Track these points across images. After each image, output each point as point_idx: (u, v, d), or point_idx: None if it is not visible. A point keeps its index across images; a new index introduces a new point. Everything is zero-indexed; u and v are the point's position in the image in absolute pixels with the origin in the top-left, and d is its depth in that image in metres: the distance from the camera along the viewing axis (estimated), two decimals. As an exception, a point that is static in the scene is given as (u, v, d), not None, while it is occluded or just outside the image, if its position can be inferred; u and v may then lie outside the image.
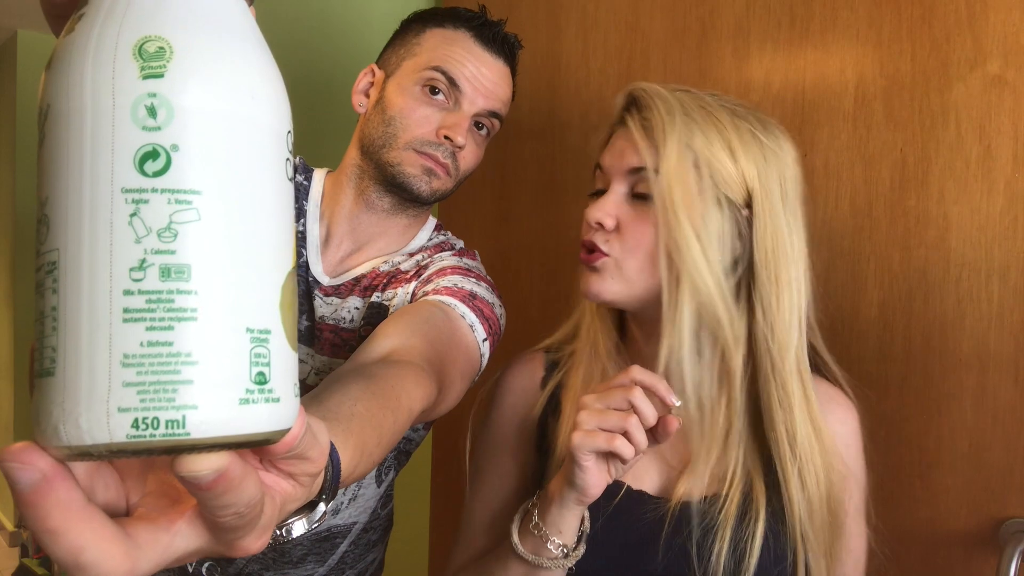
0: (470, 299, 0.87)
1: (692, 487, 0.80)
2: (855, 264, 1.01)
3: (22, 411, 3.83)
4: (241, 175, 0.28)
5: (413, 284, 0.94)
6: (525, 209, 1.40)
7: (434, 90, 0.94)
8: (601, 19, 1.29)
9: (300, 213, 0.99)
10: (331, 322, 0.95)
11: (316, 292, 0.97)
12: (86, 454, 0.27)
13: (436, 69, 0.93)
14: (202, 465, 0.27)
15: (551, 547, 0.73)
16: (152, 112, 0.26)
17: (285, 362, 0.30)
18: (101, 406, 0.26)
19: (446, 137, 0.93)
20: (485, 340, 0.87)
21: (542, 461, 0.87)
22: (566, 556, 0.74)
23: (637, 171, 0.78)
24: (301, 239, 0.98)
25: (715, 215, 0.76)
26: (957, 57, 0.94)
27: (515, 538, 0.75)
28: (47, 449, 0.27)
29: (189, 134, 0.27)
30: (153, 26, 0.27)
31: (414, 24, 1.00)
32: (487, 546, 0.86)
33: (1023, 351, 0.91)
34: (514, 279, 1.41)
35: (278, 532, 0.43)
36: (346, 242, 1.00)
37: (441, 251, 1.01)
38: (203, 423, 0.27)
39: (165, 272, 0.26)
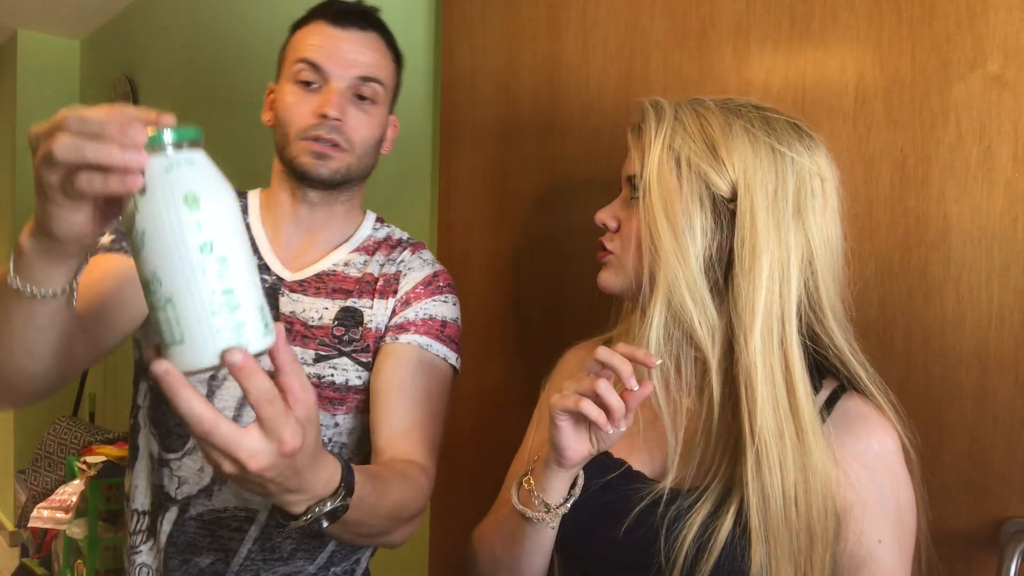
0: (441, 331, 1.05)
1: (686, 476, 0.83)
2: (855, 264, 1.01)
3: (22, 410, 3.83)
4: (239, 240, 0.58)
5: (391, 302, 1.06)
6: (525, 209, 1.40)
7: (306, 82, 1.02)
8: (601, 19, 1.29)
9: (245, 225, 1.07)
10: (300, 318, 1.04)
11: (282, 289, 1.05)
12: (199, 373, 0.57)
13: (299, 61, 1.03)
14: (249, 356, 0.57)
15: (535, 501, 0.81)
16: (199, 228, 0.55)
17: (269, 317, 0.60)
18: (209, 354, 0.56)
19: (323, 115, 1.01)
20: (456, 357, 1.06)
21: None
22: (548, 511, 0.81)
23: (633, 177, 0.85)
24: (253, 248, 1.06)
25: (697, 210, 0.80)
26: (957, 57, 0.94)
27: (514, 488, 0.84)
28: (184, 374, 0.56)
29: (217, 234, 0.56)
30: (190, 187, 0.55)
31: (287, 36, 1.10)
32: None
33: (1023, 351, 0.91)
34: (514, 279, 1.42)
35: (311, 513, 0.68)
36: (294, 239, 1.09)
37: (393, 249, 1.11)
38: (250, 344, 0.57)
39: (227, 292, 0.56)
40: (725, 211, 0.81)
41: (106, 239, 1.00)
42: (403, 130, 1.73)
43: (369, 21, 1.06)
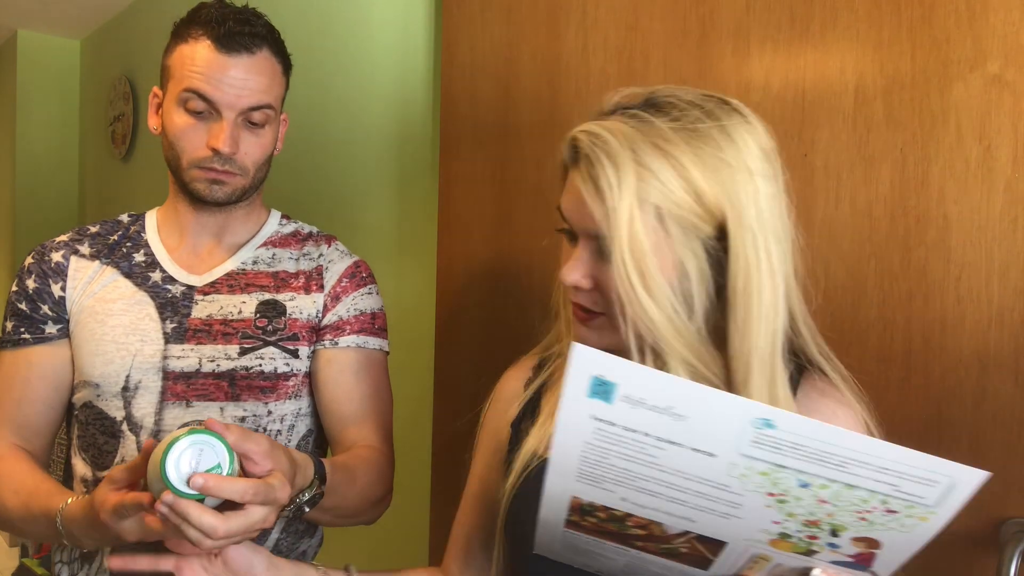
0: (372, 324, 1.12)
1: None
2: (855, 264, 1.01)
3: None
4: None
5: (320, 297, 1.10)
6: (525, 210, 1.40)
7: (196, 111, 1.02)
8: (601, 19, 1.29)
9: (143, 244, 1.11)
10: (219, 317, 1.07)
11: (195, 296, 1.07)
12: None
13: (187, 90, 1.01)
14: None
15: None
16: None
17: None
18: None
19: (215, 149, 1.01)
20: (387, 342, 1.15)
21: (510, 458, 0.87)
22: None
23: (598, 236, 0.73)
24: (153, 264, 1.10)
25: (692, 264, 0.72)
26: (957, 57, 0.94)
27: None
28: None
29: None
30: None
31: (168, 42, 1.07)
32: (475, 523, 0.96)
33: (1023, 351, 0.91)
34: (514, 280, 1.42)
35: (294, 503, 0.86)
36: (201, 243, 1.12)
37: (304, 243, 1.15)
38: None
39: None
40: (714, 253, 0.72)
41: (9, 325, 1.06)
42: (403, 130, 1.74)
43: (257, 39, 1.02)
